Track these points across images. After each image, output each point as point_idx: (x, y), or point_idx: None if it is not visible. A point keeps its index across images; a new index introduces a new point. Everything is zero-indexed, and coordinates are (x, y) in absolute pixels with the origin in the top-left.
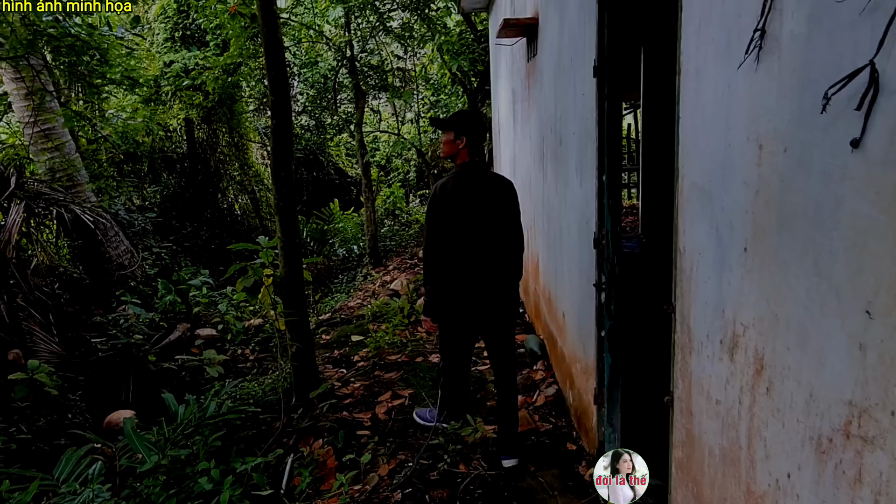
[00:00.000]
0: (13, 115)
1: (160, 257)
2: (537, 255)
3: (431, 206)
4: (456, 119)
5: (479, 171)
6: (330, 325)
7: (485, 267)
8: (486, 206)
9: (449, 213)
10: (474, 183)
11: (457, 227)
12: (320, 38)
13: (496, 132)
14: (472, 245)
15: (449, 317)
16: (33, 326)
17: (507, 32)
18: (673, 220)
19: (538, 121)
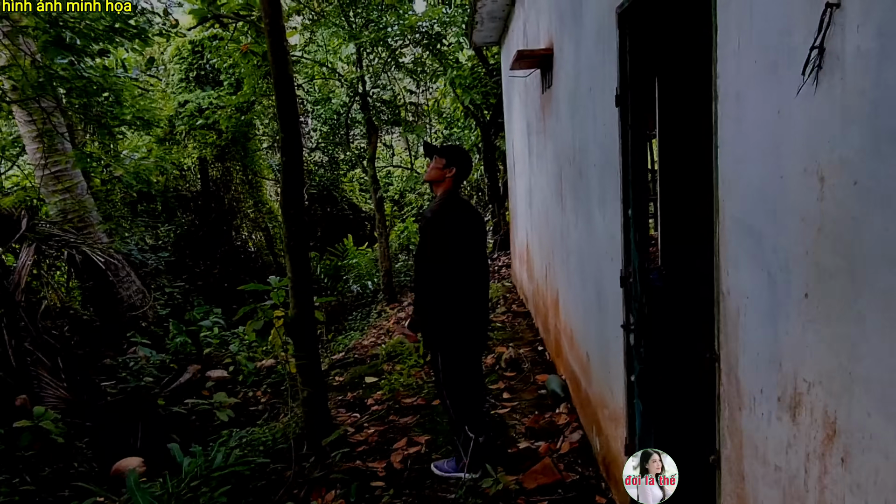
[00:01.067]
0: (27, 157)
1: (172, 297)
2: (557, 290)
3: (437, 227)
4: (450, 149)
5: (463, 203)
6: (343, 366)
7: (482, 288)
8: (474, 234)
9: (455, 237)
10: (465, 212)
11: (461, 251)
12: (333, 74)
13: (510, 165)
14: (472, 268)
15: (461, 343)
16: (41, 371)
17: (520, 64)
18: (714, 258)
19: (555, 153)
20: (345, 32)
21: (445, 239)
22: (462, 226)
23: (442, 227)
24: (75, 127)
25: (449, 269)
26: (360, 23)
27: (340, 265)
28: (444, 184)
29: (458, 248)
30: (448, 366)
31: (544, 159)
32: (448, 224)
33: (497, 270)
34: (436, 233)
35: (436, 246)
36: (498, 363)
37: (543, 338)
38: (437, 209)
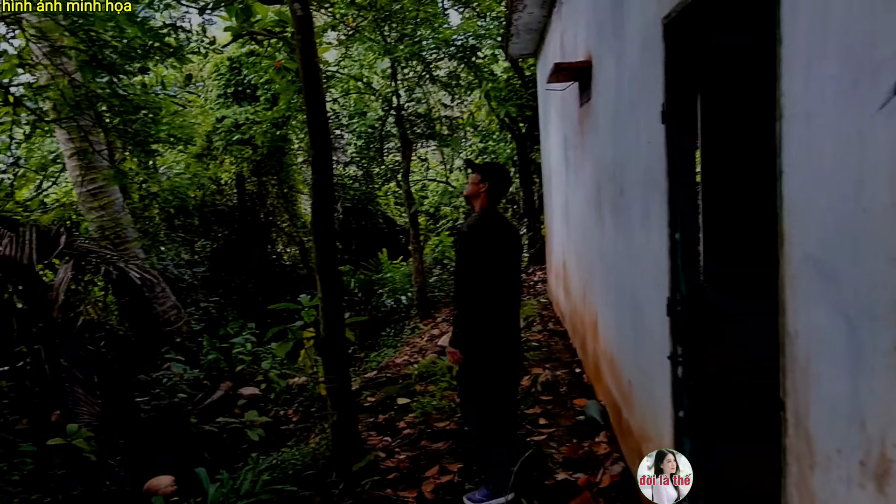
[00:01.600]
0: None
1: (207, 312)
2: (595, 312)
3: (468, 244)
4: (485, 166)
5: (499, 217)
6: (375, 386)
7: (513, 305)
8: (507, 249)
9: (486, 253)
10: (499, 227)
11: (492, 266)
12: (368, 89)
13: (546, 178)
14: (503, 284)
15: (489, 361)
16: (76, 387)
17: (557, 77)
18: (779, 294)
19: (594, 168)
20: (379, 47)
21: (475, 254)
22: (493, 241)
23: (472, 242)
24: (115, 144)
25: (477, 284)
26: (395, 37)
27: (375, 279)
28: (479, 199)
29: (487, 264)
30: (475, 383)
31: (582, 174)
32: (479, 239)
33: (532, 285)
34: (466, 248)
35: (466, 261)
36: (534, 385)
37: (581, 359)
38: (471, 224)
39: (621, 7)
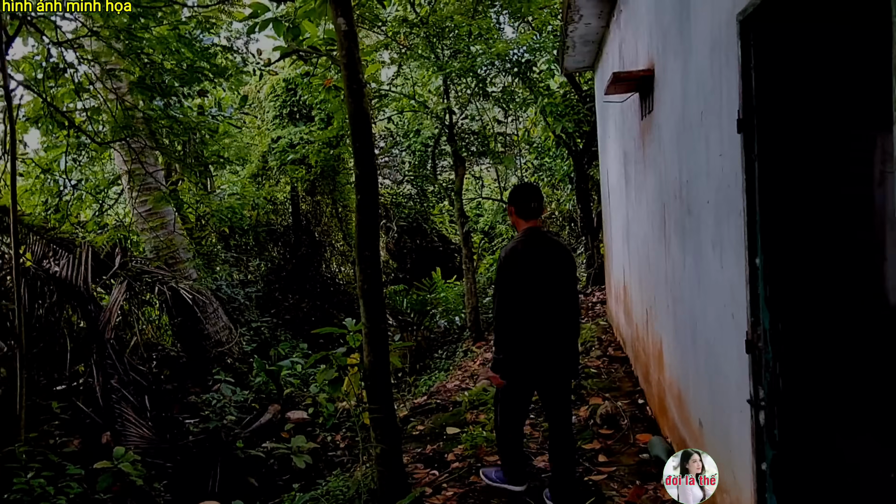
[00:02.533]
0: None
1: (259, 332)
2: (660, 340)
3: (502, 270)
4: (510, 193)
5: (540, 237)
6: (424, 413)
7: (549, 327)
8: (549, 270)
9: (519, 273)
10: (538, 248)
11: (525, 289)
12: (421, 107)
13: (605, 195)
14: (539, 306)
15: (514, 374)
16: (125, 409)
17: (616, 88)
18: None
19: (657, 185)
20: (431, 63)
21: (509, 277)
22: (529, 262)
23: (505, 264)
24: (172, 166)
25: (514, 306)
26: (448, 54)
27: (428, 299)
28: (516, 224)
29: (523, 285)
30: (501, 393)
31: (644, 191)
32: (508, 261)
33: (591, 307)
34: (500, 271)
35: (500, 284)
36: (592, 417)
37: (644, 390)
38: (506, 248)
39: (688, 9)
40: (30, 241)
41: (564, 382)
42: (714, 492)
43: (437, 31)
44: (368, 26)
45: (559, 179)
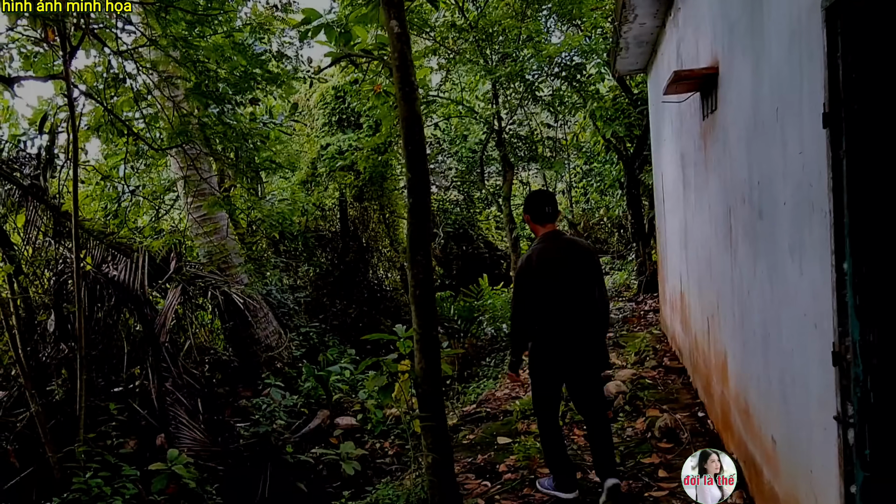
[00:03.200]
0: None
1: (308, 337)
2: (724, 351)
3: (518, 275)
4: (524, 203)
5: (556, 239)
6: (474, 422)
7: (573, 323)
8: (569, 269)
9: (534, 279)
10: (555, 250)
11: (542, 290)
12: (470, 113)
13: (658, 201)
14: (561, 305)
15: (539, 371)
16: (179, 412)
17: (676, 88)
18: None
19: (721, 188)
20: (480, 68)
21: (518, 283)
22: (540, 268)
23: (518, 273)
24: (226, 172)
25: (517, 313)
26: (497, 58)
27: (475, 306)
28: (533, 230)
29: (531, 293)
30: (532, 394)
31: (705, 195)
32: (522, 270)
33: (643, 315)
34: (515, 277)
35: (514, 289)
36: (650, 430)
37: (704, 402)
38: (523, 256)
39: (760, 1)
40: (90, 245)
41: (592, 376)
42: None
43: (486, 36)
44: (417, 31)
45: (609, 185)
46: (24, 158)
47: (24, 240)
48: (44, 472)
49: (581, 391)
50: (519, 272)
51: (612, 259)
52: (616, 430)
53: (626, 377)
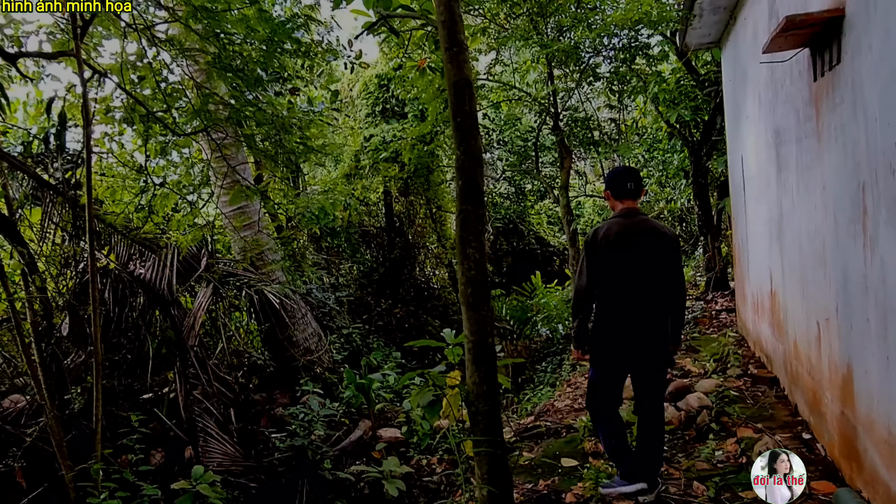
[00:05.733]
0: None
1: (350, 339)
2: (848, 365)
3: (585, 247)
4: (606, 178)
5: (634, 217)
6: (533, 437)
7: (641, 310)
8: (642, 251)
9: (602, 252)
10: (631, 228)
11: (609, 265)
12: (523, 95)
13: (737, 187)
14: (627, 286)
15: (601, 355)
16: (208, 422)
17: (782, 42)
18: None
19: (846, 161)
20: (534, 42)
21: (586, 254)
22: (611, 243)
23: (587, 242)
24: (263, 162)
25: (582, 284)
26: (553, 34)
27: (528, 305)
28: (612, 205)
29: (597, 266)
30: (590, 379)
31: (817, 173)
32: (592, 241)
33: (715, 316)
34: (584, 249)
35: (582, 262)
36: (746, 454)
37: (810, 422)
38: (594, 229)
39: None
40: (113, 241)
41: (655, 371)
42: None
43: (540, 7)
44: (464, 5)
45: (672, 175)
46: (45, 151)
47: (40, 236)
48: (58, 492)
49: (641, 384)
50: (587, 244)
51: None
52: (704, 454)
53: (710, 388)
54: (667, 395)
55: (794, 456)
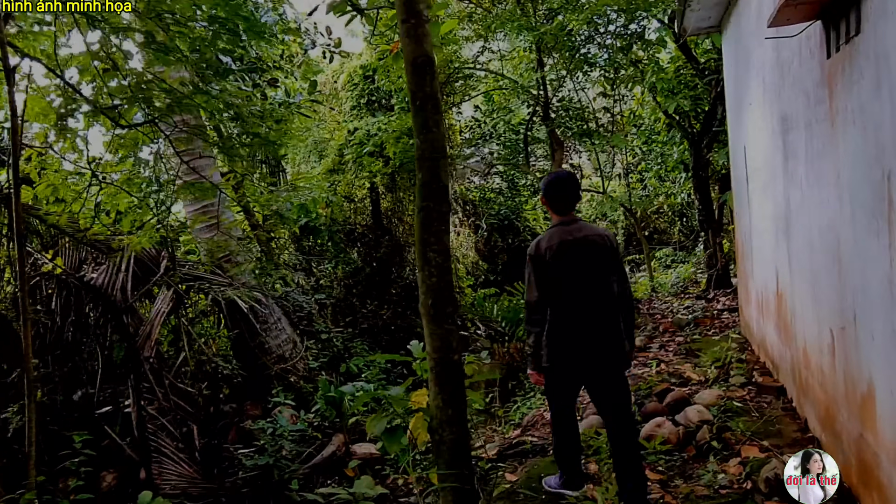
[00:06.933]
0: None
1: (330, 344)
2: (869, 381)
3: (529, 261)
4: (542, 183)
5: (572, 226)
6: (517, 455)
7: (588, 317)
8: (584, 259)
9: (546, 264)
10: (572, 235)
11: (554, 277)
12: (512, 84)
13: (739, 181)
14: (577, 293)
15: (553, 368)
16: (164, 441)
17: (791, 13)
18: None
19: (866, 147)
20: (522, 26)
21: (529, 270)
22: (552, 256)
23: (528, 258)
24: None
25: (532, 298)
26: (542, 16)
27: (521, 306)
28: (550, 214)
29: (541, 280)
30: (546, 390)
31: (828, 162)
32: (533, 250)
33: (716, 315)
34: (527, 264)
35: (528, 277)
36: (751, 479)
37: (823, 440)
38: (533, 242)
39: None
40: (60, 244)
41: (614, 375)
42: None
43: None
44: None
45: (671, 168)
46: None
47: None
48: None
49: (603, 394)
50: (532, 256)
51: (674, 251)
52: (705, 479)
53: (711, 400)
54: (664, 406)
55: (826, 456)
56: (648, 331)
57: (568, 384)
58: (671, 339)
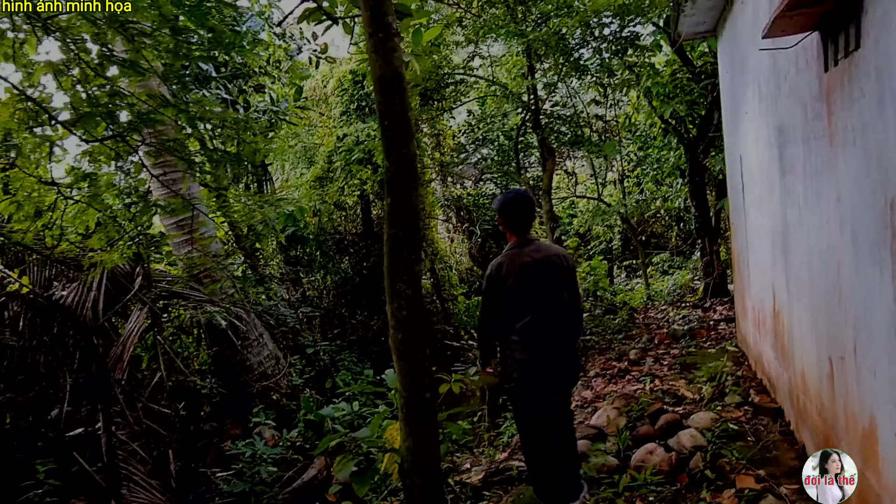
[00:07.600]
0: None
1: (316, 358)
2: (871, 417)
3: (487, 282)
4: (498, 203)
5: (529, 246)
6: (504, 482)
7: (549, 334)
8: (542, 281)
9: (506, 286)
10: (529, 257)
11: (519, 299)
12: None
13: (736, 189)
14: (538, 314)
15: (528, 391)
16: (135, 467)
17: (787, 24)
18: None
19: (869, 170)
20: (512, 31)
21: (487, 286)
22: (508, 272)
23: (486, 279)
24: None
25: (484, 321)
26: (532, 22)
27: None
28: (507, 236)
29: (499, 297)
30: (515, 416)
31: (828, 182)
32: (492, 272)
33: (713, 326)
34: (484, 284)
35: (483, 297)
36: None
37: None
38: (491, 264)
39: None
40: (27, 261)
41: (570, 386)
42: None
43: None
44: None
45: (667, 173)
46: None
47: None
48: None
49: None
50: (490, 278)
51: (671, 256)
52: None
53: (705, 424)
54: (656, 430)
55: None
56: (643, 342)
57: (546, 407)
58: (666, 351)
